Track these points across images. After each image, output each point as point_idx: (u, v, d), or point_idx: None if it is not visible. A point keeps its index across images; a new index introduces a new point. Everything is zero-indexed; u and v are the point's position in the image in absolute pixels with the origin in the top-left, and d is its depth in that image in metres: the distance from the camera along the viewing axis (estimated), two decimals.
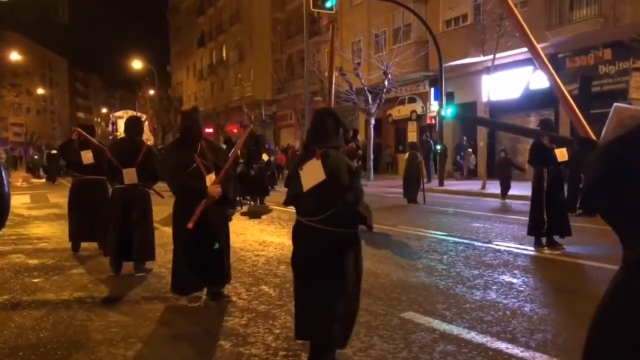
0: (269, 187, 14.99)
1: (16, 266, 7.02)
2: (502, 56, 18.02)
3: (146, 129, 21.04)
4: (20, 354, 3.98)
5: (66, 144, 8.51)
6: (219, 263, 5.09)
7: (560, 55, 19.06)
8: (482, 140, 20.69)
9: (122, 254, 6.36)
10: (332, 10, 21.24)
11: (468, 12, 22.64)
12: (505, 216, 11.52)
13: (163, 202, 6.68)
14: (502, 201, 14.71)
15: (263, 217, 11.73)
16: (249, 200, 14.25)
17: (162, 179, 5.59)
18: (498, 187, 17.30)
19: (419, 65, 24.59)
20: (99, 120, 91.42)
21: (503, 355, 3.85)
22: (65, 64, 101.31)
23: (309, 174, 3.29)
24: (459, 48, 21.51)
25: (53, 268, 6.88)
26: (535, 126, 11.65)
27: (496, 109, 19.99)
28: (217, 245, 5.00)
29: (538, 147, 7.88)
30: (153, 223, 6.57)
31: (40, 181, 28.48)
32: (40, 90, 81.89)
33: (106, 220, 6.62)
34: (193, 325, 4.63)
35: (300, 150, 3.63)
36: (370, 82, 23.67)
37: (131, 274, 6.31)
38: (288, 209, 3.33)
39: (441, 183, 19.67)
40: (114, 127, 56.75)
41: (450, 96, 19.51)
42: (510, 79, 19.98)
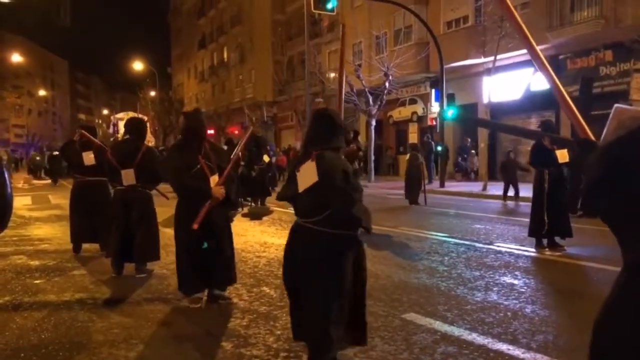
0: (270, 188, 14.98)
1: (17, 267, 7.03)
2: (503, 58, 18.02)
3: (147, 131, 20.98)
4: (22, 355, 3.99)
5: (68, 145, 8.51)
6: (221, 264, 5.09)
7: (561, 57, 19.05)
8: (483, 141, 20.67)
9: (123, 255, 6.36)
10: (333, 11, 21.24)
11: (469, 13, 22.64)
12: (506, 217, 11.52)
13: (164, 204, 6.68)
14: (504, 202, 14.69)
15: (264, 218, 11.74)
16: (250, 202, 14.25)
17: (165, 180, 5.58)
18: (499, 189, 17.33)
19: (419, 67, 24.59)
20: (100, 121, 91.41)
21: (504, 356, 3.86)
22: (66, 65, 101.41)
23: (305, 176, 3.29)
24: (459, 49, 21.51)
25: (54, 269, 6.89)
26: (536, 127, 11.64)
27: (497, 111, 19.99)
28: (205, 244, 4.98)
29: (539, 148, 7.88)
30: (156, 224, 6.55)
31: (41, 182, 28.50)
32: (42, 92, 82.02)
33: (108, 222, 6.62)
34: (194, 326, 4.64)
35: (300, 151, 3.61)
36: (371, 83, 23.68)
37: (132, 275, 6.32)
38: (289, 210, 3.34)
39: (442, 184, 19.66)
40: (115, 129, 56.76)
41: (451, 97, 19.51)
42: (511, 81, 19.98)
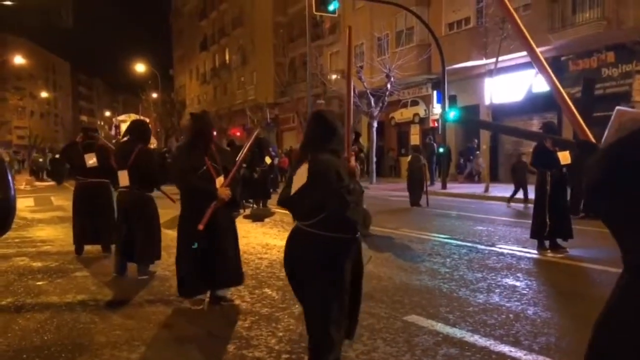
0: (272, 190, 14.99)
1: (20, 269, 7.05)
2: (505, 59, 18.01)
3: None
4: (24, 356, 3.99)
5: (70, 147, 8.51)
6: (224, 265, 5.10)
7: (563, 58, 19.04)
8: (485, 143, 20.65)
9: (126, 255, 6.39)
10: (334, 13, 21.23)
11: (471, 15, 22.64)
12: (508, 219, 11.50)
13: (167, 205, 6.68)
14: (508, 205, 14.30)
15: (266, 220, 11.74)
16: (252, 204, 14.26)
17: (172, 181, 5.61)
18: (501, 191, 17.31)
19: (421, 68, 24.58)
20: (102, 123, 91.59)
21: (506, 358, 3.85)
22: (68, 67, 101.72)
23: (299, 178, 3.29)
24: (461, 51, 21.50)
25: (57, 271, 6.90)
26: (538, 129, 11.62)
27: (499, 112, 19.96)
28: (195, 244, 4.98)
29: (541, 150, 7.87)
30: (155, 225, 6.51)
31: (43, 184, 28.53)
32: (44, 94, 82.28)
33: (110, 223, 6.66)
34: (196, 328, 4.64)
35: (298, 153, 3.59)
36: (373, 85, 23.69)
37: (134, 276, 6.32)
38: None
39: (444, 186, 19.65)
40: (117, 131, 56.76)
41: (452, 99, 19.51)
42: (512, 82, 19.96)
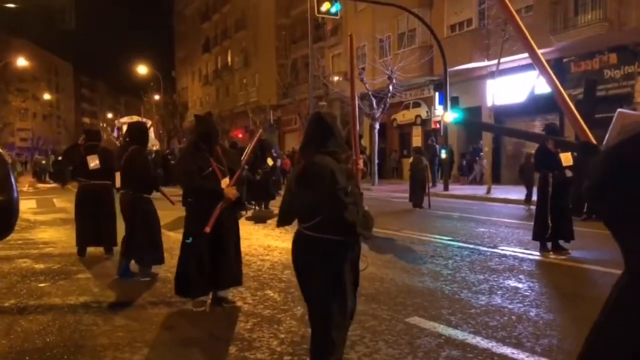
0: (274, 192, 14.99)
1: (23, 271, 7.06)
2: (507, 61, 17.99)
3: (152, 135, 21.01)
4: (27, 358, 4.00)
5: (72, 149, 8.54)
6: (227, 265, 5.11)
7: (565, 60, 19.03)
8: (487, 145, 20.64)
9: (126, 256, 6.43)
10: (336, 15, 21.25)
11: (473, 16, 22.64)
12: (510, 221, 11.49)
13: (168, 207, 6.69)
14: (526, 208, 13.22)
15: (268, 221, 11.74)
16: (254, 205, 14.26)
17: (177, 183, 5.64)
18: (503, 192, 17.31)
19: (423, 70, 24.58)
20: (104, 125, 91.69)
21: None
22: (71, 69, 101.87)
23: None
24: (463, 53, 21.49)
25: (59, 273, 6.91)
26: (540, 131, 11.60)
27: (501, 114, 19.94)
28: (190, 239, 5.03)
29: (543, 151, 7.87)
30: (155, 227, 6.44)
31: (46, 186, 28.59)
32: (47, 96, 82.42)
33: (114, 225, 6.71)
34: (198, 329, 4.65)
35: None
36: (375, 86, 23.68)
37: (137, 278, 6.33)
38: None
39: (446, 187, 19.63)
40: (119, 133, 56.68)
41: (455, 101, 19.48)
42: (515, 84, 19.93)
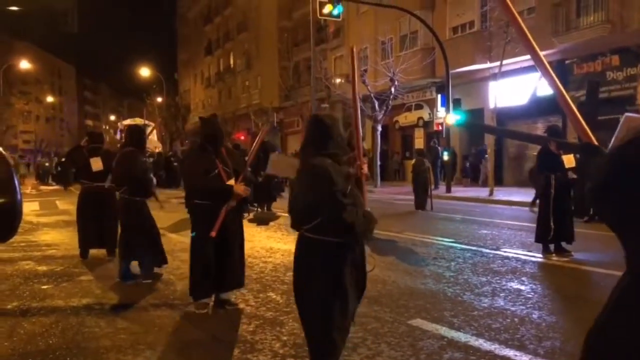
0: (276, 194, 15.00)
1: (25, 273, 7.07)
2: (509, 63, 17.98)
3: (154, 137, 21.06)
4: None
5: (75, 150, 8.51)
6: (232, 267, 5.11)
7: (567, 62, 19.01)
8: (490, 147, 20.61)
9: (125, 257, 6.45)
10: (339, 17, 21.28)
11: (475, 18, 22.64)
12: (513, 223, 11.47)
13: (171, 209, 6.70)
14: (533, 209, 12.68)
15: (270, 223, 11.74)
16: (256, 207, 14.27)
17: (186, 185, 5.67)
18: (505, 194, 17.28)
19: (425, 72, 24.58)
20: (107, 127, 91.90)
21: None
22: (74, 72, 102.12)
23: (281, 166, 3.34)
24: (465, 55, 21.50)
25: (62, 275, 6.92)
26: (543, 132, 11.57)
27: (503, 116, 19.93)
28: (193, 233, 5.08)
29: (545, 153, 7.85)
30: (150, 229, 6.44)
31: (49, 188, 28.63)
32: (50, 98, 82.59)
33: (116, 227, 6.73)
34: (201, 332, 4.65)
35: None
36: (377, 89, 23.69)
37: (139, 281, 6.34)
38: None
39: (448, 189, 19.61)
40: (122, 135, 56.71)
41: (457, 103, 19.48)
42: (517, 86, 19.93)
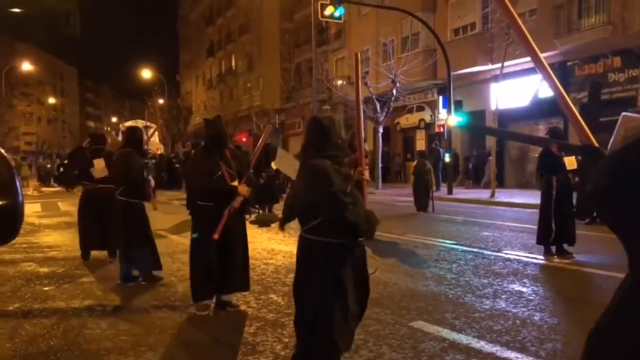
0: (278, 195, 15.00)
1: (27, 274, 7.08)
2: (511, 64, 17.98)
3: (156, 139, 21.09)
4: None
5: (77, 152, 8.51)
6: (234, 269, 5.11)
7: (569, 63, 19.00)
8: (492, 149, 20.61)
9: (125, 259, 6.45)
10: (340, 19, 21.28)
11: (476, 20, 22.64)
12: (514, 225, 11.45)
13: (172, 211, 6.70)
14: None
15: (272, 225, 11.73)
16: (258, 209, 14.26)
17: (190, 186, 5.69)
18: (507, 196, 17.27)
19: (427, 74, 24.59)
20: (109, 129, 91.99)
21: None
22: (75, 73, 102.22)
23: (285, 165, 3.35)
24: (467, 56, 21.50)
25: (63, 276, 6.93)
26: (544, 134, 11.56)
27: (505, 117, 19.92)
28: (196, 234, 5.10)
29: (547, 155, 7.84)
30: (143, 232, 6.43)
31: (51, 190, 28.67)
32: (51, 100, 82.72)
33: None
34: (202, 333, 4.65)
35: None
36: (379, 90, 23.69)
37: (140, 282, 6.35)
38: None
39: (450, 191, 19.60)
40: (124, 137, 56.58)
41: (458, 104, 19.47)
42: (518, 87, 19.93)
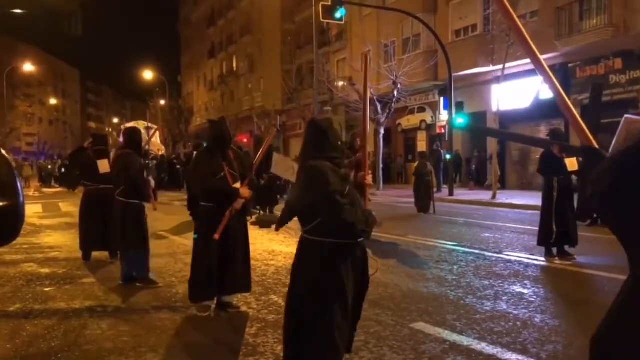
0: (279, 196, 15.01)
1: (28, 275, 7.09)
2: (512, 66, 17.97)
3: (157, 139, 21.10)
4: None
5: (78, 152, 8.48)
6: (235, 270, 5.12)
7: (570, 65, 18.99)
8: (493, 150, 20.61)
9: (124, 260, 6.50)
10: (341, 20, 21.30)
11: (477, 22, 22.64)
12: (515, 226, 11.44)
13: (173, 212, 6.71)
14: None
15: (272, 226, 11.72)
16: (259, 210, 14.27)
17: (192, 187, 5.72)
18: (508, 197, 17.25)
19: (428, 75, 24.57)
20: (110, 130, 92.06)
21: None
22: (77, 74, 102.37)
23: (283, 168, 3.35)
24: (468, 58, 21.49)
25: (64, 277, 6.94)
26: (545, 136, 11.56)
27: (506, 119, 19.91)
28: (196, 236, 5.13)
29: (548, 156, 7.84)
30: (141, 233, 6.40)
31: (52, 190, 28.70)
32: (53, 101, 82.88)
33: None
34: (203, 334, 4.65)
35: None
36: (380, 91, 23.68)
37: (140, 284, 6.35)
38: (297, 219, 3.40)
39: (451, 193, 19.59)
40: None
41: (459, 106, 19.48)
42: (519, 89, 19.91)
